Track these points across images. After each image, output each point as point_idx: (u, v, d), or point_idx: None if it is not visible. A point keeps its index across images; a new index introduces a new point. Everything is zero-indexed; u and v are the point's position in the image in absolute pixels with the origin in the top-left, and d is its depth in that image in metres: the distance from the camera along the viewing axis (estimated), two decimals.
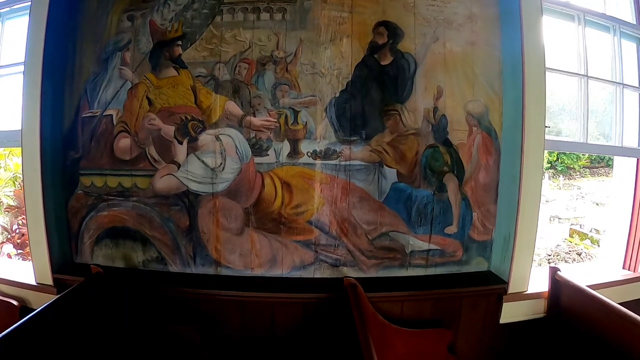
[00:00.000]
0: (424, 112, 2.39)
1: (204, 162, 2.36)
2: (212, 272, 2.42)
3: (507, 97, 2.49)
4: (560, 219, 13.24)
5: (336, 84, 2.34)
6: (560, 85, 11.89)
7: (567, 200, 16.07)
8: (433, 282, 2.44)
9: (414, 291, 2.35)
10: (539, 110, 2.42)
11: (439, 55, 2.41)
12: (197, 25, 2.36)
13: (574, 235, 11.25)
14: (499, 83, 2.51)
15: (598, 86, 3.21)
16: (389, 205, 2.40)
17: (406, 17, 2.40)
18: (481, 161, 2.47)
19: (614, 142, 3.11)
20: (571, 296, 2.46)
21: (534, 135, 2.40)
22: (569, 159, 22.25)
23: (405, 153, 2.38)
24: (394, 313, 2.33)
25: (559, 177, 21.05)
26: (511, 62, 2.46)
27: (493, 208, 2.53)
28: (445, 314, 2.41)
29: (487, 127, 2.47)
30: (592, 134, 3.10)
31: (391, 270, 2.46)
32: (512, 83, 2.45)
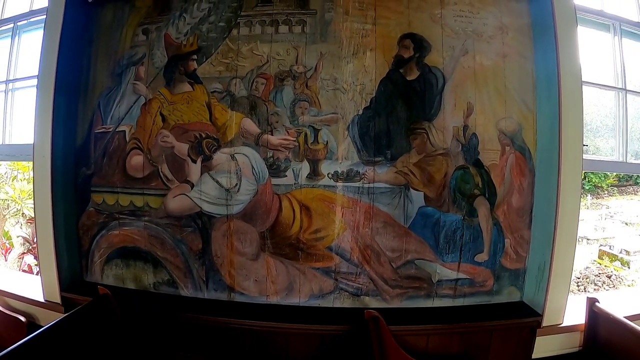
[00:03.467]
0: (453, 131, 2.26)
1: (218, 182, 2.28)
2: (225, 298, 2.34)
3: (542, 113, 2.32)
4: (589, 240, 12.93)
5: (359, 100, 2.23)
6: (595, 100, 11.57)
7: (595, 220, 15.73)
8: (461, 313, 2.29)
9: (440, 324, 2.20)
10: (576, 128, 2.24)
11: (469, 69, 2.29)
12: (213, 38, 2.31)
13: (603, 257, 10.93)
14: (533, 98, 2.35)
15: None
16: (415, 231, 2.26)
17: (433, 29, 2.29)
18: (514, 183, 2.32)
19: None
20: (610, 329, 2.27)
21: (572, 154, 2.22)
22: (597, 178, 21.92)
23: (433, 175, 2.24)
24: (419, 347, 2.18)
25: (586, 196, 20.71)
26: (545, 75, 2.31)
27: (527, 234, 2.36)
28: (474, 348, 2.25)
29: (521, 146, 2.32)
30: (630, 151, 2.92)
31: (416, 300, 2.32)
32: (546, 98, 2.29)
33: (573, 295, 2.58)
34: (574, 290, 7.00)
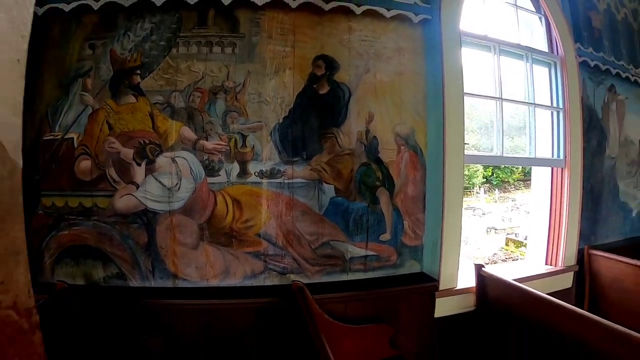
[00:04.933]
0: (357, 135, 2.71)
1: (161, 182, 2.50)
2: (170, 285, 2.55)
3: (430, 119, 2.87)
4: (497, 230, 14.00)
5: (280, 111, 2.59)
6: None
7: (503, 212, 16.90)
8: (372, 284, 2.70)
9: (354, 292, 2.61)
10: (458, 130, 2.81)
11: (370, 84, 2.75)
12: (154, 56, 2.52)
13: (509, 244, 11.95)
14: (424, 107, 2.88)
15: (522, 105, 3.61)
16: (329, 217, 2.67)
17: (342, 51, 2.72)
18: (409, 176, 2.83)
19: (527, 154, 3.50)
20: (496, 288, 2.86)
21: (454, 151, 2.80)
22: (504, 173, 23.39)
23: (341, 171, 2.67)
24: (339, 312, 2.57)
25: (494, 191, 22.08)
26: (434, 89, 2.87)
27: (422, 216, 2.88)
28: (385, 312, 2.69)
29: (414, 146, 2.84)
30: (519, 147, 3.48)
31: (334, 275, 2.70)
32: (434, 107, 2.85)
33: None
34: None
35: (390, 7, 2.80)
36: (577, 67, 3.88)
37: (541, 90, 3.86)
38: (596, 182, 4.34)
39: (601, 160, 4.39)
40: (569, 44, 3.82)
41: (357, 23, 2.77)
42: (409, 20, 2.86)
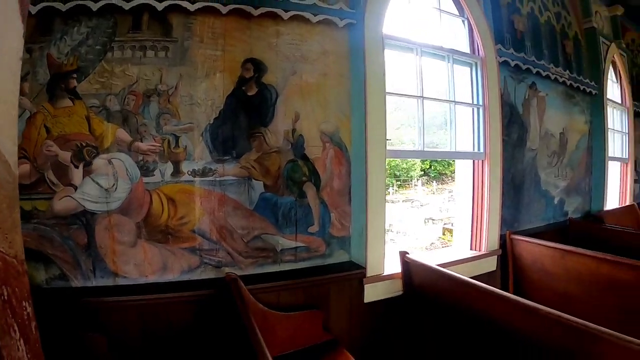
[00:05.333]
0: (284, 133, 2.88)
1: (98, 183, 2.53)
2: (111, 283, 2.58)
3: (355, 118, 3.10)
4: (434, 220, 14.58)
5: (210, 112, 2.71)
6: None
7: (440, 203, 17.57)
8: (303, 273, 2.88)
9: (285, 281, 2.77)
10: (380, 127, 3.06)
11: (297, 86, 2.93)
12: (90, 60, 2.55)
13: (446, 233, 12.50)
14: (348, 106, 3.12)
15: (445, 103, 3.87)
16: (259, 212, 2.82)
17: (270, 55, 2.87)
18: (334, 171, 3.05)
19: (448, 148, 3.78)
20: (420, 273, 3.11)
21: (376, 147, 3.05)
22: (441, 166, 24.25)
23: (269, 168, 2.84)
24: (272, 302, 2.71)
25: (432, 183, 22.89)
26: (357, 89, 3.08)
27: (348, 209, 3.12)
28: (317, 299, 2.89)
29: (339, 142, 3.07)
30: (446, 142, 3.76)
31: (266, 267, 2.87)
32: (358, 106, 3.07)
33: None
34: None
35: (316, 13, 2.95)
36: (497, 67, 4.21)
37: (464, 88, 4.19)
38: (518, 173, 4.72)
39: (522, 152, 4.78)
40: (489, 45, 4.11)
41: (284, 27, 2.92)
42: (335, 24, 3.03)
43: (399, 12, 3.69)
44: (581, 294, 3.68)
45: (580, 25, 6.36)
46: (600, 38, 6.57)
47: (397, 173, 23.85)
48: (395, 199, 18.29)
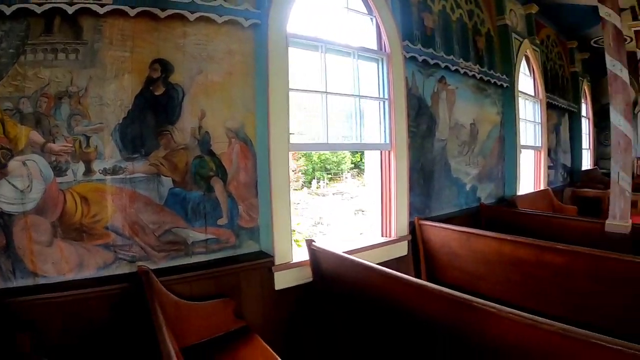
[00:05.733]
0: (190, 131, 3.13)
1: (14, 185, 2.60)
2: (31, 283, 2.66)
3: (259, 114, 3.46)
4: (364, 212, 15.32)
5: (119, 112, 2.88)
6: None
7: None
8: (213, 264, 3.16)
9: (196, 271, 3.04)
10: (282, 122, 3.45)
11: (203, 84, 3.18)
12: (4, 63, 2.60)
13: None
14: (253, 103, 3.43)
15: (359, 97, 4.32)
16: (169, 207, 3.06)
17: (177, 55, 3.09)
18: (240, 165, 3.35)
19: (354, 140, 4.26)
20: (327, 260, 3.51)
21: (279, 141, 3.43)
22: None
23: (177, 164, 3.08)
24: (185, 292, 2.97)
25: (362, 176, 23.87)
26: (261, 86, 3.44)
27: (255, 201, 3.45)
28: (228, 288, 3.18)
29: (244, 138, 3.38)
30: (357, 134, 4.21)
31: (178, 259, 3.10)
32: (262, 103, 3.43)
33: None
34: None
35: (222, 14, 3.20)
36: (403, 62, 4.68)
37: (372, 83, 4.66)
38: (427, 162, 5.27)
39: (431, 142, 5.34)
40: (396, 42, 4.57)
41: (191, 28, 3.14)
42: (240, 24, 3.30)
43: (307, 11, 4.08)
44: (487, 272, 4.19)
45: (493, 22, 7.04)
46: (512, 34, 7.27)
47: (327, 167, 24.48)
48: (326, 192, 18.81)
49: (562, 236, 4.73)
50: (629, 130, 4.29)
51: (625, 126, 4.27)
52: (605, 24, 4.30)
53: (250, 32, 3.42)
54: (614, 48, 4.28)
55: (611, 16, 4.24)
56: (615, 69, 4.25)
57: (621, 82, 4.26)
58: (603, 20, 4.34)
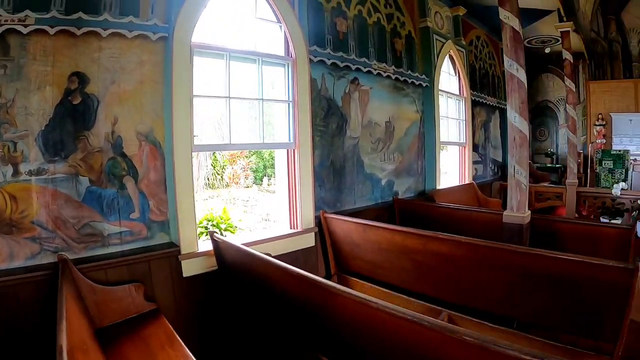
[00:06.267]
0: (104, 135, 3.69)
1: None
2: None
3: (167, 118, 3.99)
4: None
5: (42, 120, 3.39)
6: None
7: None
8: (127, 254, 3.80)
9: (109, 260, 3.65)
10: (186, 126, 4.10)
11: (116, 93, 3.73)
12: None
13: None
14: (161, 109, 4.00)
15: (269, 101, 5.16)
16: (87, 203, 3.63)
17: (92, 67, 3.62)
18: (150, 165, 3.94)
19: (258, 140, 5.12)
20: (229, 250, 4.05)
21: (183, 143, 4.08)
22: None
23: (93, 165, 3.64)
24: (101, 279, 3.58)
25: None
26: (169, 93, 3.97)
27: (164, 197, 4.07)
28: (140, 274, 3.82)
29: (153, 140, 3.97)
30: (269, 134, 5.04)
31: (97, 249, 3.68)
32: (168, 108, 4.10)
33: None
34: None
35: (132, 29, 3.75)
36: (309, 66, 5.40)
37: (280, 86, 5.49)
38: (338, 158, 6.12)
39: (342, 140, 6.20)
40: (301, 47, 5.29)
41: (106, 43, 3.67)
42: (149, 38, 3.89)
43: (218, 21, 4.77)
44: (383, 261, 4.86)
45: (415, 24, 8.00)
46: (434, 36, 8.24)
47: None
48: (271, 190, 19.51)
49: (467, 226, 5.79)
50: (524, 126, 4.72)
51: (521, 123, 4.72)
52: (504, 25, 4.76)
53: (159, 44, 3.99)
54: (511, 49, 4.74)
55: (509, 19, 4.69)
56: (512, 68, 4.74)
57: (517, 81, 4.74)
58: (502, 23, 4.77)
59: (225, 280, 4.27)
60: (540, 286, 3.48)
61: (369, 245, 4.97)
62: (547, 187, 10.83)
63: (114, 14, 3.73)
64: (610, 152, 11.45)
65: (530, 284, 3.53)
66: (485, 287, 3.88)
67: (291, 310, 3.38)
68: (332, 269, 5.65)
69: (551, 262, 3.37)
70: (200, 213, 9.65)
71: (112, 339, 3.32)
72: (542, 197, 10.27)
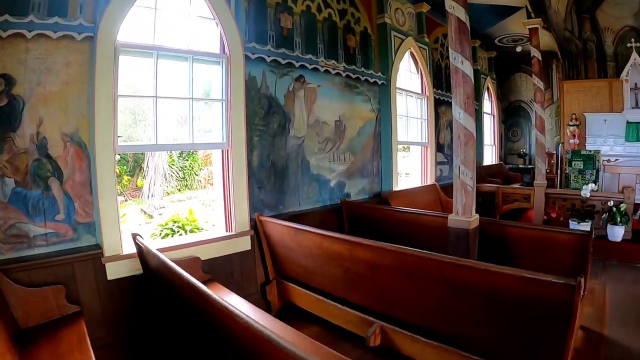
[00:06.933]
0: (30, 137, 3.99)
1: None
2: None
3: (91, 119, 4.35)
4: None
5: None
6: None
7: None
8: (53, 255, 4.12)
9: (34, 261, 3.97)
10: (108, 127, 4.45)
11: (41, 95, 4.05)
12: None
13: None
14: (87, 109, 4.33)
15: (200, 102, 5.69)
16: (12, 204, 3.94)
17: (19, 69, 3.94)
18: (75, 166, 4.28)
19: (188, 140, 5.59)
20: (149, 254, 4.20)
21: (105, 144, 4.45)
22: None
23: (19, 166, 3.95)
24: (25, 280, 3.88)
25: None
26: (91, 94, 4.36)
27: (90, 198, 4.41)
28: (65, 276, 4.15)
29: (78, 141, 4.31)
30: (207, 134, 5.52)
31: (23, 250, 4.00)
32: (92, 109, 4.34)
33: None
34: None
35: (57, 30, 4.05)
36: (244, 63, 5.76)
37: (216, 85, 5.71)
38: (280, 159, 6.52)
39: (284, 140, 6.63)
40: (237, 45, 5.67)
41: (33, 44, 3.97)
42: (75, 38, 4.20)
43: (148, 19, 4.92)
44: (315, 266, 5.06)
45: (372, 21, 8.46)
46: (392, 33, 8.73)
47: None
48: None
49: (416, 230, 6.22)
50: (469, 123, 4.70)
51: (466, 119, 4.70)
52: (449, 16, 4.77)
53: (87, 44, 4.33)
54: (456, 41, 4.75)
55: (455, 9, 4.72)
56: (457, 61, 4.73)
57: (462, 74, 4.71)
58: (447, 13, 4.79)
59: (148, 284, 4.52)
60: (473, 301, 3.45)
61: (302, 250, 5.17)
62: (514, 188, 11.32)
63: (42, 14, 4.03)
64: (580, 153, 12.08)
65: (463, 298, 3.52)
66: (415, 300, 3.93)
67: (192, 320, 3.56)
68: (271, 274, 5.97)
69: (483, 276, 3.29)
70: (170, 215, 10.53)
71: (32, 340, 3.57)
72: (509, 198, 10.74)
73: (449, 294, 3.61)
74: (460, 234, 4.77)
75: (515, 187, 11.89)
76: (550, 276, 2.94)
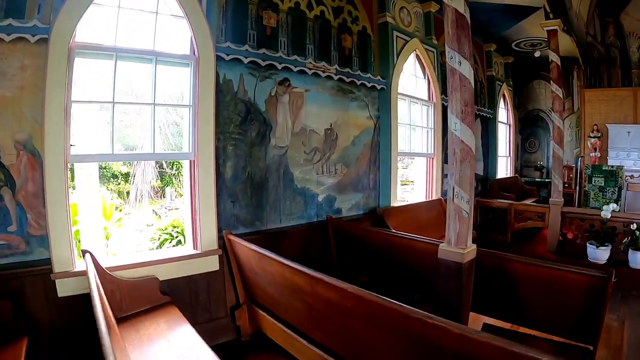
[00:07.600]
0: None
1: None
2: None
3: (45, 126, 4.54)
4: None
5: None
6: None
7: None
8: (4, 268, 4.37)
9: None
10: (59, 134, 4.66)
11: None
12: None
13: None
14: (42, 116, 4.51)
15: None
16: None
17: None
18: (29, 175, 4.46)
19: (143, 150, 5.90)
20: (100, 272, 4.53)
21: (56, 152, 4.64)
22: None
23: None
24: None
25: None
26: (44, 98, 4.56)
27: (44, 210, 4.55)
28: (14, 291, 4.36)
29: (32, 150, 4.48)
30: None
31: None
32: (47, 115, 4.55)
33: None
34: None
35: (10, 32, 4.25)
36: (214, 65, 5.89)
37: (185, 90, 5.91)
38: (259, 171, 6.59)
39: (264, 149, 6.69)
40: (206, 44, 5.81)
41: None
42: (29, 40, 4.37)
43: (111, 18, 5.13)
44: (279, 296, 5.10)
45: (372, 20, 8.55)
46: (395, 33, 8.80)
47: None
48: None
49: (408, 256, 6.12)
50: (467, 136, 4.35)
51: (463, 132, 4.35)
52: (446, 8, 4.44)
53: (42, 47, 4.49)
54: (452, 36, 4.41)
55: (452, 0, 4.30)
56: (453, 61, 4.40)
57: (460, 77, 4.38)
58: (444, 5, 4.46)
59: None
60: None
61: (267, 276, 5.17)
62: (528, 205, 11.51)
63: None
64: (601, 168, 11.87)
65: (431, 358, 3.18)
66: (381, 351, 3.67)
67: None
68: (241, 297, 6.07)
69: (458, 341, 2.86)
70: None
71: None
72: (522, 216, 10.95)
73: (414, 352, 3.34)
74: (452, 268, 4.38)
75: (529, 204, 11.98)
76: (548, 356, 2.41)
